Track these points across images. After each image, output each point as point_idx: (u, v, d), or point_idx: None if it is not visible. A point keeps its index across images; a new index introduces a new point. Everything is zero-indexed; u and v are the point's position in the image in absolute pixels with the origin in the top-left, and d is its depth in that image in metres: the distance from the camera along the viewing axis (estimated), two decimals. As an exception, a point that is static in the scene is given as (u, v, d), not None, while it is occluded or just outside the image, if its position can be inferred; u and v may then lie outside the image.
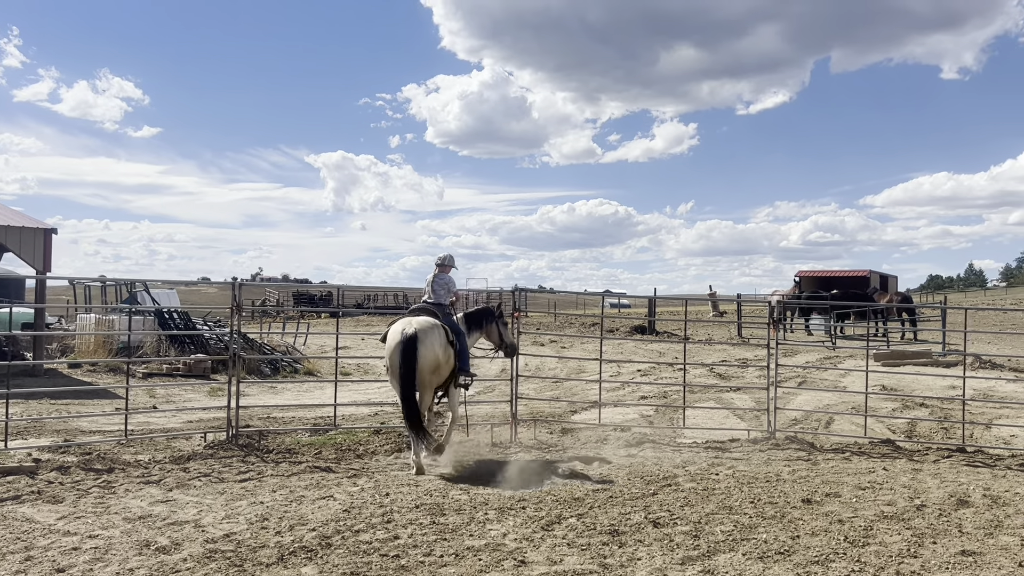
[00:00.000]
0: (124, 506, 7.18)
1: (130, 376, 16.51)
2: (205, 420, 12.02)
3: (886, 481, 8.30)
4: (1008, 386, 15.98)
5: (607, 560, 5.70)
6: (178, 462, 9.04)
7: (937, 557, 5.80)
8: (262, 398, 14.85)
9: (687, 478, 8.43)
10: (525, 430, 11.34)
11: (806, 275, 43.46)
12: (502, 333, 10.34)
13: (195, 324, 21.50)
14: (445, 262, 9.89)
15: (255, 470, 8.77)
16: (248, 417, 11.82)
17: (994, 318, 39.78)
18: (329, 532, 6.33)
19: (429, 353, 8.84)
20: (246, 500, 7.40)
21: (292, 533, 6.33)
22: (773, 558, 5.78)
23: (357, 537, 6.22)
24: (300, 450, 9.93)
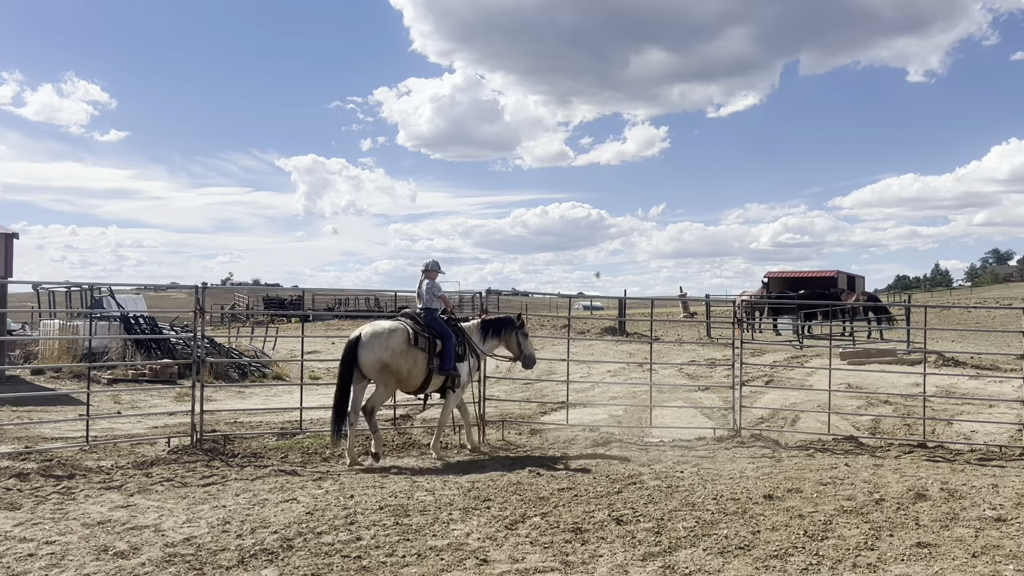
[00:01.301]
0: (83, 512, 7.08)
1: (95, 382, 16.28)
2: (170, 425, 11.88)
3: (847, 476, 8.41)
4: (970, 383, 16.28)
5: (569, 558, 5.72)
6: (141, 467, 8.94)
7: (893, 549, 5.89)
8: (229, 402, 14.72)
9: (652, 476, 8.49)
10: (494, 431, 11.35)
11: (774, 276, 43.95)
12: (521, 344, 10.51)
13: (161, 329, 21.25)
14: (429, 267, 10.12)
15: (219, 474, 8.69)
16: (215, 422, 11.71)
17: (958, 316, 40.46)
18: (291, 534, 6.29)
19: (369, 355, 9.35)
20: (208, 504, 7.33)
21: (253, 536, 6.28)
22: (733, 553, 5.84)
23: (319, 539, 6.18)
24: (266, 454, 9.86)
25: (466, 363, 10.12)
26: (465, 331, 10.25)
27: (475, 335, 10.36)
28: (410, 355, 9.49)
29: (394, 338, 9.47)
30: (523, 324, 10.74)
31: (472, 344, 10.24)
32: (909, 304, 24.72)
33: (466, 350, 10.13)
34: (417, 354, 9.53)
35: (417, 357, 9.53)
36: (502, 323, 10.59)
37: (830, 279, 41.77)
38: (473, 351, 10.26)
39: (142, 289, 30.46)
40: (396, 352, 9.43)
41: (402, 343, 9.45)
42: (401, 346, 9.45)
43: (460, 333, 10.13)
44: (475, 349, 10.28)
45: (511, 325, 10.56)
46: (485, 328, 10.44)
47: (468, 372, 10.18)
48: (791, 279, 42.76)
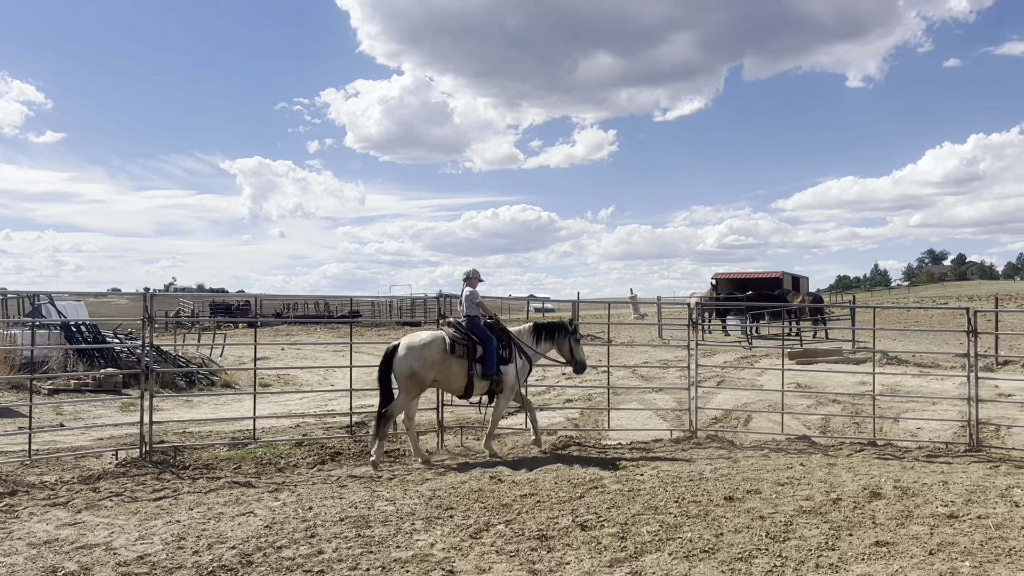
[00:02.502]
0: (28, 531, 6.79)
1: (34, 393, 15.71)
2: (117, 437, 11.52)
3: (804, 476, 8.54)
4: (914, 380, 16.73)
5: (536, 566, 5.68)
6: (87, 482, 8.63)
7: (854, 549, 5.99)
8: (177, 412, 14.34)
9: (613, 480, 8.50)
10: (452, 437, 11.26)
11: (722, 277, 44.64)
12: (574, 349, 10.71)
13: (105, 337, 20.62)
14: (470, 275, 10.50)
15: (171, 487, 8.44)
16: (163, 432, 11.40)
17: (898, 315, 41.62)
18: (250, 549, 6.13)
19: (401, 364, 9.80)
20: (161, 519, 7.10)
21: (211, 552, 6.09)
22: (698, 556, 5.86)
23: (279, 553, 6.03)
24: (218, 465, 9.61)
25: (512, 365, 10.33)
26: (512, 334, 10.48)
27: (526, 338, 10.60)
28: (446, 364, 9.90)
29: (428, 349, 9.88)
30: (576, 329, 10.93)
31: (522, 347, 10.47)
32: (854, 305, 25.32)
33: (512, 353, 10.34)
34: (454, 361, 9.92)
35: (454, 364, 9.93)
36: (555, 327, 10.79)
37: (776, 280, 42.62)
38: (523, 354, 10.46)
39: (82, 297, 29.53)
40: (428, 363, 9.83)
41: (436, 353, 9.87)
42: (435, 356, 9.86)
43: (506, 337, 10.33)
44: (525, 352, 10.48)
45: (564, 330, 10.76)
46: (537, 332, 10.68)
47: (516, 374, 10.35)
48: (739, 280, 43.48)
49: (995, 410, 12.77)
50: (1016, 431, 11.44)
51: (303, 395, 16.49)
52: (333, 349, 25.14)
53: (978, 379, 10.78)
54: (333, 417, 13.21)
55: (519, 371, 10.44)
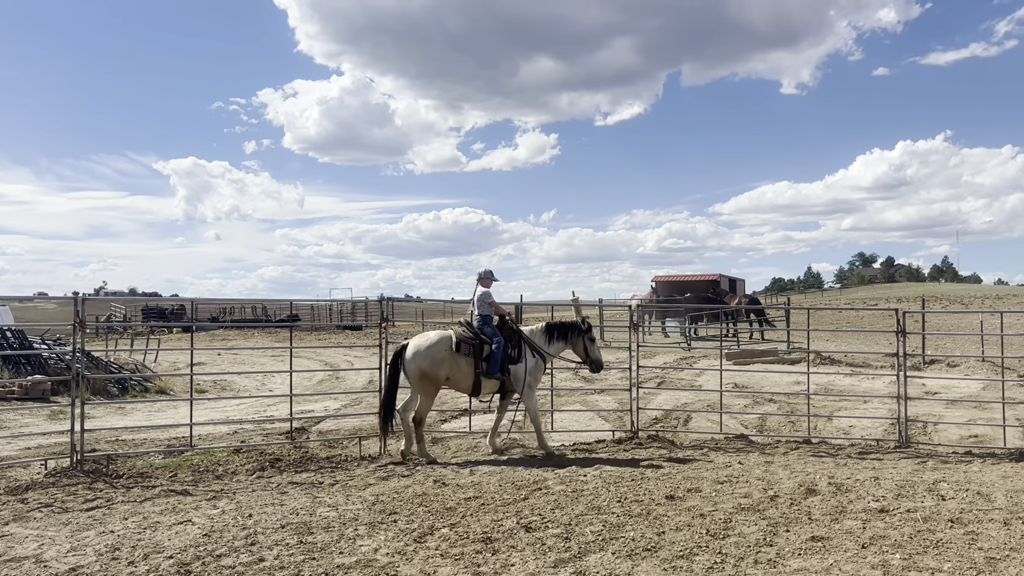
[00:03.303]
0: (-49, 545, 6.50)
1: (-44, 402, 15.06)
2: (45, 446, 11.12)
3: (742, 474, 8.73)
4: (846, 380, 17.24)
5: (481, 568, 5.68)
6: (15, 493, 8.31)
7: (790, 544, 6.14)
8: (110, 420, 13.92)
9: (556, 481, 8.55)
10: (395, 442, 11.17)
11: (662, 280, 45.27)
12: (588, 348, 10.77)
13: (32, 343, 19.89)
14: (483, 276, 10.64)
15: (104, 497, 8.18)
16: (94, 441, 11.05)
17: (832, 317, 42.85)
18: (188, 559, 5.98)
19: (411, 364, 10.05)
20: (94, 530, 6.88)
21: (147, 562, 5.93)
22: (641, 555, 5.93)
23: (219, 562, 5.90)
24: (154, 474, 9.36)
25: (522, 364, 10.41)
26: (524, 334, 10.57)
27: (539, 338, 10.66)
28: (453, 362, 10.07)
29: (436, 348, 10.07)
30: (590, 328, 10.96)
31: (535, 346, 10.53)
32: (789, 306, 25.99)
33: (522, 352, 10.44)
34: (461, 360, 10.09)
35: (461, 363, 10.09)
36: (568, 327, 10.84)
37: (714, 282, 43.36)
38: (535, 353, 10.53)
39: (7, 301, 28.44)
40: (436, 361, 10.03)
41: (444, 352, 10.06)
42: (442, 355, 10.05)
43: (516, 337, 10.44)
44: (538, 351, 10.55)
45: (578, 330, 10.81)
46: (550, 331, 10.76)
47: (526, 373, 10.40)
48: (678, 282, 44.14)
49: (922, 408, 13.24)
50: (942, 428, 11.89)
51: (241, 401, 16.17)
52: (272, 354, 24.74)
53: (907, 378, 11.16)
54: (272, 423, 12.98)
55: (530, 370, 10.48)
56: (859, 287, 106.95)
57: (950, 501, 7.40)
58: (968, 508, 7.13)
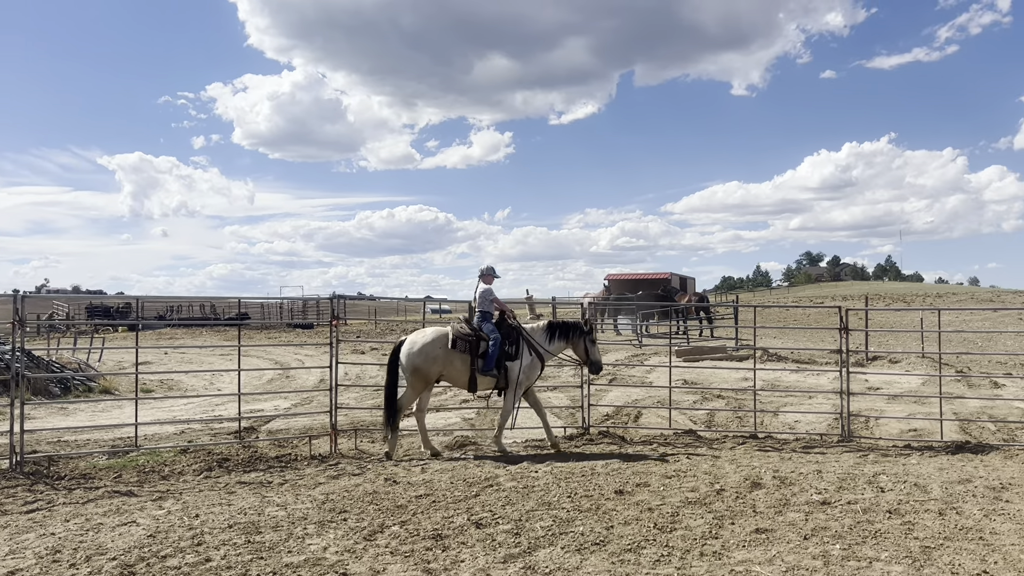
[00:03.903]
0: None
1: None
2: (-18, 448, 10.79)
3: (690, 469, 8.88)
4: (792, 376, 17.61)
5: (431, 565, 5.69)
6: (-51, 497, 8.06)
7: (735, 536, 6.27)
8: (51, 420, 13.56)
9: (508, 477, 8.60)
10: (346, 440, 11.11)
11: (614, 278, 45.71)
12: (589, 350, 10.79)
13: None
14: (485, 272, 10.70)
15: (44, 499, 7.98)
16: (35, 442, 10.77)
17: (779, 314, 43.67)
18: (132, 560, 5.87)
19: (406, 360, 10.21)
20: (34, 532, 6.71)
21: (89, 565, 5.81)
22: (590, 549, 6.01)
23: (164, 563, 5.80)
24: (97, 475, 9.15)
25: (518, 362, 10.41)
26: (524, 331, 10.61)
27: (540, 336, 10.66)
28: (448, 358, 10.19)
29: (431, 345, 10.21)
30: (592, 330, 10.97)
31: (534, 344, 10.56)
32: (737, 304, 26.46)
33: (519, 350, 10.47)
34: (457, 357, 10.19)
35: (456, 360, 10.20)
36: (569, 327, 10.88)
37: (665, 280, 43.93)
38: (533, 350, 10.55)
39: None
40: (431, 357, 10.17)
41: (439, 349, 10.19)
42: (437, 352, 10.18)
43: (514, 334, 10.49)
44: (537, 349, 10.58)
45: (579, 330, 10.82)
46: (552, 330, 10.77)
47: (520, 371, 10.40)
48: (630, 281, 44.63)
49: (865, 403, 13.60)
50: (884, 422, 12.24)
51: (189, 400, 15.89)
52: (220, 353, 24.36)
53: (849, 374, 11.46)
54: (221, 423, 12.79)
55: (526, 368, 10.49)
56: (806, 285, 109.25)
57: (889, 493, 7.63)
58: (906, 499, 7.36)
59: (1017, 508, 7.00)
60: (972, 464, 9.19)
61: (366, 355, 24.25)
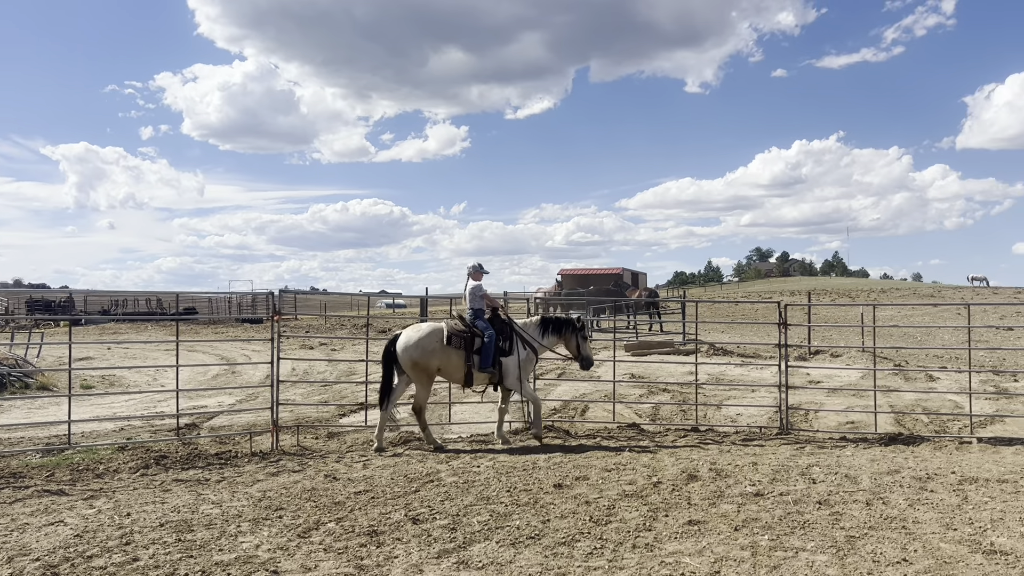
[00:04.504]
0: None
1: None
2: (-93, 447, 10.44)
3: (630, 462, 8.98)
4: (736, 370, 17.91)
5: (364, 561, 5.67)
6: None
7: (668, 528, 6.37)
8: (-17, 418, 13.16)
9: (449, 472, 8.60)
10: (289, 436, 10.99)
11: (567, 273, 46.00)
12: (580, 346, 11.04)
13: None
14: (474, 269, 10.86)
15: (-31, 500, 7.75)
16: (-37, 441, 10.44)
17: (727, 309, 44.36)
18: (56, 560, 5.74)
19: (403, 354, 10.32)
20: (-45, 535, 6.52)
21: (11, 565, 5.66)
22: (524, 543, 6.05)
23: (89, 563, 5.69)
24: (29, 473, 8.92)
25: (514, 357, 10.60)
26: (517, 327, 10.79)
27: (533, 331, 10.90)
28: (444, 354, 10.29)
29: (427, 340, 10.33)
30: (584, 327, 11.18)
31: (527, 339, 10.77)
32: (684, 299, 26.83)
33: (513, 345, 10.63)
34: (452, 352, 10.30)
35: (452, 355, 10.31)
36: (562, 323, 11.10)
37: (617, 275, 44.34)
38: (528, 346, 10.76)
39: None
40: (428, 351, 10.27)
41: (435, 343, 10.30)
42: (434, 346, 10.29)
43: (507, 329, 10.65)
44: (531, 344, 10.78)
45: (571, 327, 11.05)
46: (544, 325, 11.00)
47: (517, 365, 10.58)
48: (582, 276, 44.95)
49: (806, 396, 13.89)
50: (823, 415, 12.51)
51: (131, 397, 15.57)
52: (165, 348, 23.90)
53: (788, 367, 11.69)
54: (162, 419, 12.56)
55: (523, 362, 10.68)
56: (756, 281, 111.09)
57: (820, 484, 7.81)
58: (836, 490, 7.54)
59: (940, 498, 7.23)
60: (903, 455, 9.45)
61: (315, 350, 24.02)
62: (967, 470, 8.36)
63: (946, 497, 7.26)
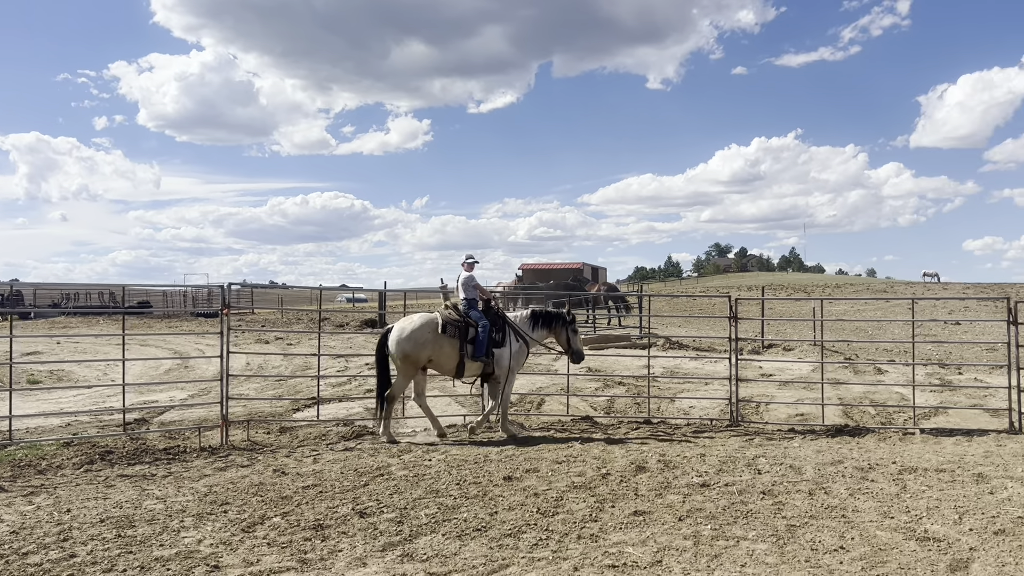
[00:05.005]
0: None
1: None
2: None
3: (580, 454, 9.04)
4: (691, 363, 18.12)
5: (307, 555, 5.63)
6: None
7: (614, 519, 6.43)
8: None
9: (400, 466, 8.58)
10: (240, 431, 10.87)
11: (528, 268, 46.07)
12: (570, 339, 11.15)
13: None
14: (467, 261, 11.06)
15: (-97, 498, 7.53)
16: (-100, 437, 10.14)
17: (685, 304, 44.82)
18: (-10, 559, 5.61)
19: (395, 346, 10.36)
20: None
21: (-58, 565, 5.53)
22: (471, 535, 6.06)
23: (25, 560, 5.57)
24: (-34, 471, 8.69)
25: (506, 348, 10.67)
26: (508, 319, 10.90)
27: (524, 324, 10.98)
28: (437, 344, 10.36)
29: (420, 331, 10.37)
30: (574, 320, 11.35)
31: (519, 331, 10.83)
32: (641, 293, 27.05)
33: (506, 336, 10.71)
34: (446, 342, 10.37)
35: (445, 345, 10.37)
36: (552, 316, 11.21)
37: (577, 270, 44.52)
38: (520, 338, 10.81)
39: None
40: (420, 343, 10.33)
41: (428, 334, 10.36)
42: (427, 336, 10.35)
43: (500, 321, 10.75)
44: (522, 336, 10.84)
45: (561, 320, 11.15)
46: (535, 318, 11.08)
47: (510, 357, 10.67)
48: (542, 270, 45.04)
49: (758, 389, 14.11)
50: (773, 407, 12.71)
51: (79, 392, 15.26)
52: (116, 343, 23.42)
53: (738, 360, 11.85)
54: (111, 415, 12.33)
55: (515, 354, 10.76)
56: (715, 276, 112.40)
57: (765, 475, 7.94)
58: (780, 480, 7.68)
59: (880, 487, 7.40)
60: (848, 446, 9.64)
61: (270, 345, 23.77)
62: (908, 460, 8.56)
63: (886, 486, 7.43)
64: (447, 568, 5.36)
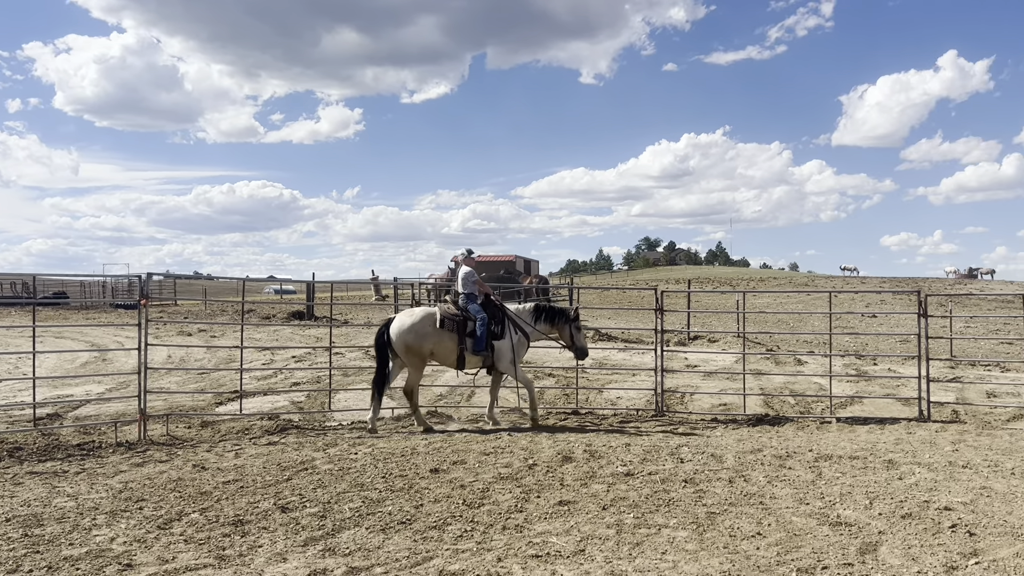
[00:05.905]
0: None
1: None
2: None
3: (508, 446, 9.07)
4: (619, 355, 18.34)
5: (226, 551, 5.50)
6: None
7: (539, 509, 6.47)
8: None
9: (325, 460, 8.46)
10: (159, 426, 10.56)
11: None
12: (574, 336, 11.11)
13: None
14: (464, 255, 11.30)
15: None
16: None
17: (615, 296, 45.40)
18: None
19: (398, 340, 10.43)
20: None
21: None
22: (395, 528, 6.01)
23: (-79, 564, 5.30)
24: None
25: (506, 341, 10.73)
26: (508, 312, 10.94)
27: (526, 316, 11.04)
28: (437, 337, 10.43)
29: (421, 323, 10.47)
30: (578, 317, 11.33)
31: (519, 324, 10.87)
32: (572, 286, 27.33)
33: (506, 329, 10.76)
34: (445, 336, 10.45)
35: (445, 338, 10.45)
36: (555, 312, 11.26)
37: (510, 262, 44.71)
38: (520, 330, 10.85)
39: None
40: (421, 335, 10.40)
41: (428, 327, 10.44)
42: (427, 329, 10.43)
43: (500, 314, 10.82)
44: (523, 329, 10.88)
45: (565, 316, 11.16)
46: (538, 312, 11.14)
47: (510, 349, 10.72)
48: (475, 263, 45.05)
49: (683, 379, 14.37)
50: (697, 397, 12.97)
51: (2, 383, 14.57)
52: (28, 335, 22.46)
53: (664, 351, 12.06)
54: (21, 409, 11.82)
55: (516, 346, 10.80)
56: (644, 269, 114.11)
57: (687, 463, 8.11)
58: (702, 469, 7.85)
59: (797, 474, 7.63)
60: (767, 435, 9.92)
61: (193, 337, 23.14)
62: (823, 448, 8.85)
63: (802, 473, 7.66)
64: (370, 562, 5.30)
